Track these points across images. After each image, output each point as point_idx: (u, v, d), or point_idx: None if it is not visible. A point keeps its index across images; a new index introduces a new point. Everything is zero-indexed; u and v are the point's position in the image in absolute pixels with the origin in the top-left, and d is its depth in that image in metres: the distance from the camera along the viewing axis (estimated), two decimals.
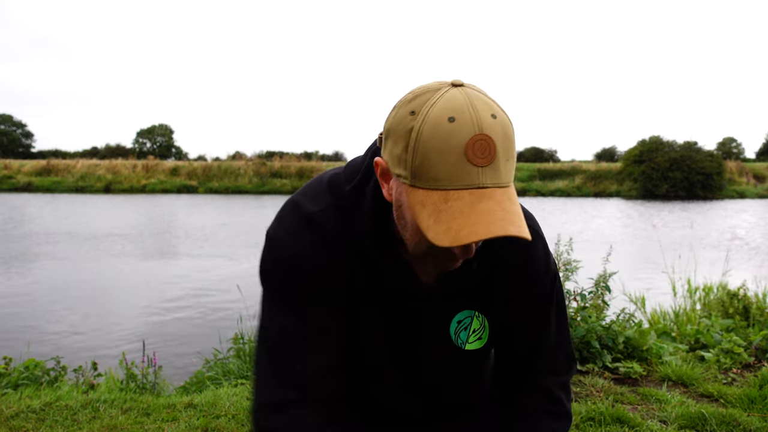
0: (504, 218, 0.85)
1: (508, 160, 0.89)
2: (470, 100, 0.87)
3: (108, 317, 6.75)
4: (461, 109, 0.86)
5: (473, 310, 1.15)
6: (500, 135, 0.86)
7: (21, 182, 31.61)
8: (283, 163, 34.07)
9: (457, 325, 1.14)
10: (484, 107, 0.87)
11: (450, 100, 0.87)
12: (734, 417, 2.52)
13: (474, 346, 1.16)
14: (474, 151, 0.84)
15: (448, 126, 0.85)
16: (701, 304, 5.47)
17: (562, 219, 18.44)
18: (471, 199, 0.85)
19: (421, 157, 0.86)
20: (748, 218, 19.33)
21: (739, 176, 33.32)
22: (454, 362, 1.18)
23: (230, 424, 2.54)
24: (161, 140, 62.32)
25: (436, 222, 0.86)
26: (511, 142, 0.89)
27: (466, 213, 0.85)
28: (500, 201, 0.86)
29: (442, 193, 0.86)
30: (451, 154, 0.85)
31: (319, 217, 1.06)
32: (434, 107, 0.87)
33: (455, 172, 0.85)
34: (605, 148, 56.98)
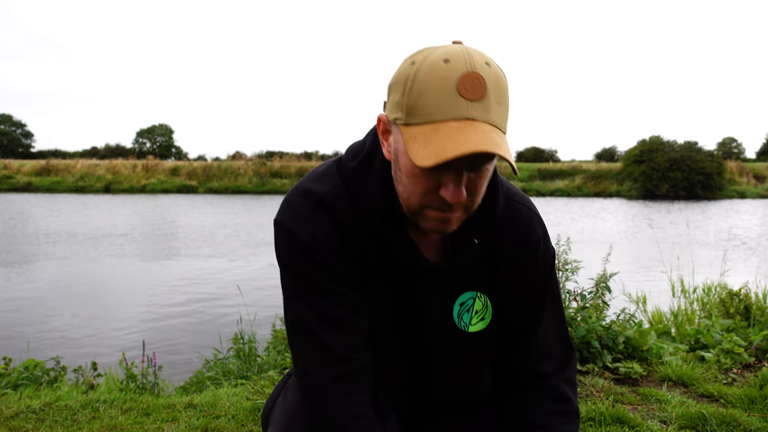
0: (488, 142, 0.88)
1: (500, 105, 0.92)
2: (466, 49, 0.93)
3: (108, 317, 6.75)
4: (456, 54, 0.91)
5: (475, 291, 1.17)
6: (492, 78, 0.91)
7: (21, 182, 31.61)
8: (283, 163, 34.08)
9: (459, 308, 1.16)
10: (479, 56, 0.93)
11: (447, 48, 0.94)
12: (734, 417, 2.52)
13: (477, 327, 1.18)
14: (465, 86, 0.89)
15: (443, 66, 0.90)
16: (699, 305, 5.46)
17: (559, 218, 18.45)
18: (458, 127, 0.89)
19: (417, 94, 0.91)
20: (748, 218, 19.32)
21: (739, 176, 33.33)
22: (459, 346, 1.19)
23: (230, 424, 2.54)
24: (161, 140, 62.32)
25: (424, 147, 0.90)
26: (504, 89, 0.93)
27: (453, 137, 0.88)
28: (487, 132, 0.89)
29: (434, 125, 0.90)
30: (444, 88, 0.89)
31: (329, 198, 1.09)
32: (432, 54, 0.93)
33: (446, 104, 0.89)
34: (605, 148, 57.04)
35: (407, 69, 0.94)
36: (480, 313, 1.17)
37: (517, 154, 58.53)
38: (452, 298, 1.15)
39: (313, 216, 1.08)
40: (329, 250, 1.07)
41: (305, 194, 1.10)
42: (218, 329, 5.79)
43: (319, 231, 1.07)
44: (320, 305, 1.09)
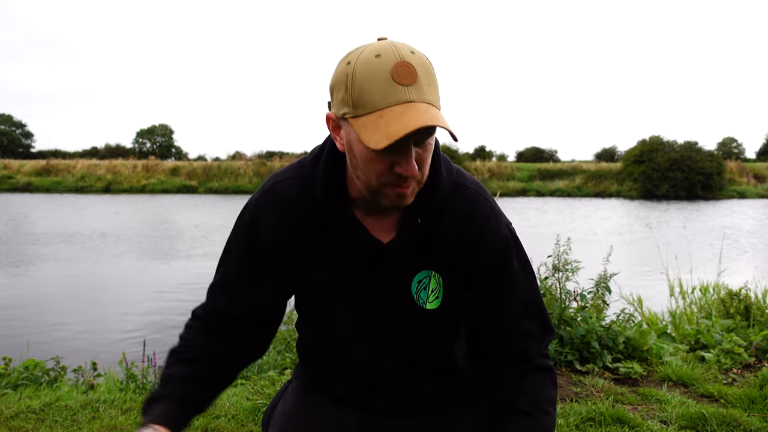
0: (429, 117, 0.99)
1: (430, 86, 1.03)
2: (392, 43, 1.04)
3: (108, 317, 6.75)
4: (385, 48, 1.03)
5: (430, 269, 1.21)
6: (419, 64, 1.02)
7: (21, 182, 31.62)
8: (283, 163, 34.06)
9: (417, 285, 1.21)
10: (404, 47, 1.04)
11: (376, 45, 1.05)
12: (734, 417, 2.52)
13: (433, 305, 1.22)
14: (398, 74, 1.00)
15: (376, 60, 1.01)
16: (697, 306, 5.47)
17: (556, 218, 18.45)
18: (401, 110, 1.00)
19: (359, 89, 1.02)
20: (741, 219, 19.32)
21: (739, 176, 33.33)
22: (419, 322, 1.23)
23: (230, 424, 2.54)
24: (161, 140, 62.30)
25: (374, 132, 1.00)
26: (431, 72, 1.05)
27: (398, 118, 0.99)
28: (426, 109, 1.00)
29: (379, 112, 1.01)
30: (380, 79, 1.00)
31: (279, 186, 1.22)
32: (364, 52, 1.04)
33: (386, 92, 1.00)
34: (605, 148, 56.96)
35: (345, 69, 1.05)
36: (435, 291, 1.22)
37: (517, 154, 58.56)
38: (410, 276, 1.20)
39: (260, 199, 1.23)
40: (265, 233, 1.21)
41: (265, 182, 1.27)
42: None
43: (259, 210, 1.22)
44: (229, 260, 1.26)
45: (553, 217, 19.00)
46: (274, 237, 1.21)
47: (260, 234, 1.21)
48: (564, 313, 3.46)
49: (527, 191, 31.33)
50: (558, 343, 3.37)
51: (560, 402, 2.80)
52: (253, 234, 1.22)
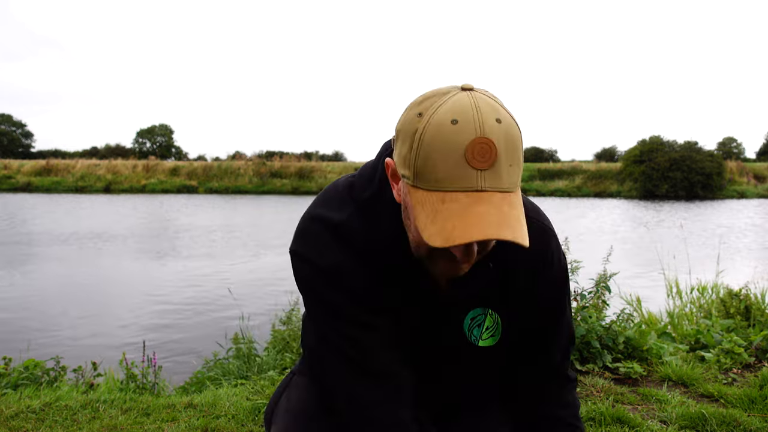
0: (500, 222, 0.85)
1: (512, 166, 0.88)
2: (476, 103, 0.88)
3: (108, 317, 6.74)
4: (465, 112, 0.86)
5: (486, 307, 1.16)
6: (503, 140, 0.86)
7: (20, 182, 31.59)
8: (283, 163, 34.06)
9: (470, 322, 1.16)
10: (489, 111, 0.87)
11: (456, 102, 0.88)
12: (734, 417, 2.52)
13: (487, 342, 1.18)
14: (474, 154, 0.85)
15: (451, 128, 0.86)
16: (695, 306, 5.46)
17: (554, 218, 18.45)
18: (468, 201, 0.86)
19: (424, 157, 0.87)
20: (746, 218, 19.32)
21: (739, 176, 33.30)
22: (470, 359, 1.20)
23: (230, 424, 2.54)
24: (161, 140, 62.29)
25: (432, 222, 0.87)
26: (516, 147, 0.89)
27: (462, 214, 0.85)
28: (498, 205, 0.86)
29: (441, 194, 0.87)
30: (452, 156, 0.85)
31: (347, 226, 1.07)
32: (440, 109, 0.88)
33: (454, 173, 0.86)
34: (605, 148, 56.98)
35: (413, 122, 0.91)
36: (490, 329, 1.17)
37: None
38: (463, 313, 1.16)
39: (331, 245, 1.07)
40: (357, 278, 1.07)
41: (321, 222, 1.09)
42: (218, 329, 5.79)
43: (340, 258, 1.07)
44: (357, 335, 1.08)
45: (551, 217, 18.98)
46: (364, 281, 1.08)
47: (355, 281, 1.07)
48: None
49: (527, 191, 31.32)
50: None
51: None
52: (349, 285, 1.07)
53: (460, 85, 0.93)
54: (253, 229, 15.19)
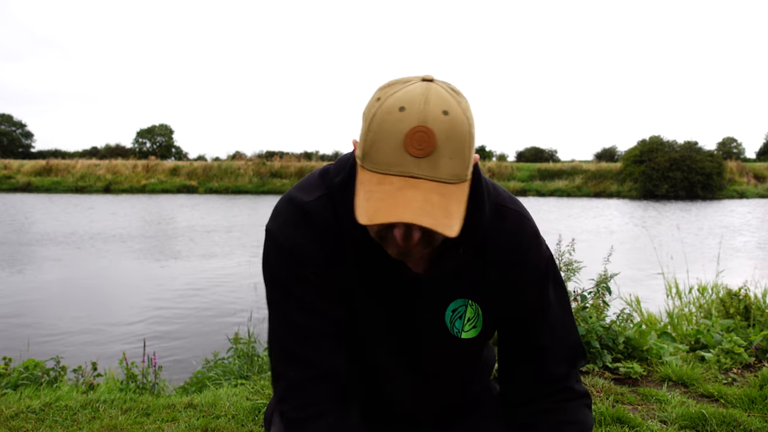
0: (423, 209, 0.87)
1: (452, 158, 0.90)
2: (428, 94, 0.91)
3: (108, 317, 6.74)
4: (413, 101, 0.89)
5: (466, 298, 1.16)
6: (445, 131, 0.89)
7: (20, 182, 31.58)
8: (283, 163, 34.06)
9: (452, 314, 1.16)
10: (438, 102, 0.90)
11: (409, 91, 0.91)
12: (734, 417, 2.52)
13: (470, 334, 1.17)
14: (412, 141, 0.88)
15: (398, 114, 0.89)
16: (695, 306, 5.46)
17: (551, 217, 18.44)
18: (399, 185, 0.89)
19: (371, 140, 0.91)
20: (746, 218, 19.32)
21: (739, 176, 33.30)
22: (452, 351, 1.19)
23: (230, 424, 2.54)
24: (161, 140, 62.29)
25: (366, 201, 0.90)
26: (460, 141, 0.91)
27: (390, 197, 0.88)
28: (427, 192, 0.88)
29: (380, 176, 0.91)
30: (393, 141, 0.89)
31: (312, 206, 1.10)
32: (394, 96, 0.92)
33: (393, 158, 0.89)
34: (605, 148, 57.00)
35: (372, 105, 0.94)
36: (472, 320, 1.17)
37: (517, 154, 58.54)
38: (443, 305, 1.15)
39: (293, 222, 1.10)
40: (314, 261, 1.09)
41: (290, 202, 1.13)
42: (218, 329, 5.79)
43: (301, 240, 1.09)
44: (294, 311, 1.11)
45: (549, 216, 18.99)
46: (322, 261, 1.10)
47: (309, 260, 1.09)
48: None
49: (527, 191, 31.30)
50: None
51: None
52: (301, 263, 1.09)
53: (421, 76, 0.95)
54: (253, 229, 15.19)
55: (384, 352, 1.18)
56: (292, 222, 1.11)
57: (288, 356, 1.12)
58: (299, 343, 1.11)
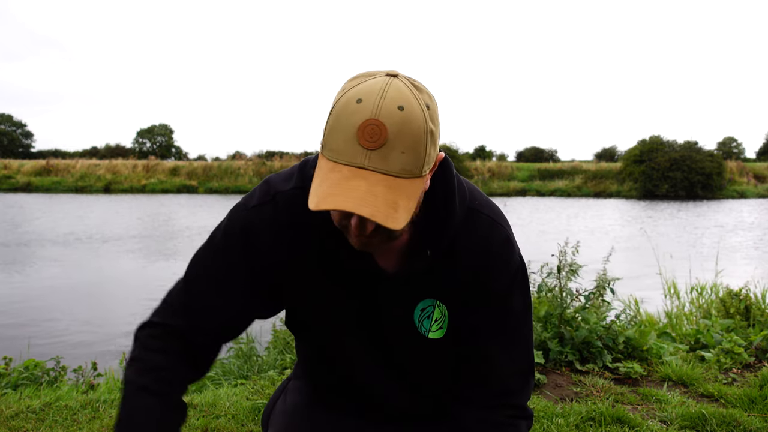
0: (364, 199, 0.89)
1: (404, 153, 0.91)
2: (387, 88, 0.93)
3: (108, 317, 6.75)
4: (371, 94, 0.92)
5: (435, 299, 1.16)
6: (398, 125, 0.90)
7: (20, 182, 31.58)
8: (283, 163, 34.05)
9: (420, 313, 1.17)
10: (395, 97, 0.92)
11: (370, 85, 0.93)
12: (734, 417, 2.52)
13: (436, 335, 1.17)
14: (364, 133, 0.90)
15: (354, 106, 0.91)
16: (695, 306, 5.46)
17: (549, 216, 18.45)
18: (348, 175, 0.91)
19: (329, 128, 0.94)
20: (744, 218, 19.32)
21: (739, 176, 33.31)
22: (421, 350, 1.19)
23: (230, 424, 2.54)
24: (161, 140, 62.31)
25: (318, 186, 0.93)
26: (414, 137, 0.92)
27: (337, 184, 0.91)
28: (372, 183, 0.90)
29: (333, 164, 0.93)
30: (347, 131, 0.91)
31: (283, 197, 1.13)
32: (356, 88, 0.94)
33: (345, 147, 0.91)
34: (605, 148, 57.02)
35: (337, 95, 0.97)
36: (439, 321, 1.17)
37: (517, 153, 58.55)
38: (413, 304, 1.16)
39: (260, 207, 1.13)
40: (261, 244, 1.12)
41: (265, 188, 1.16)
42: None
43: (257, 219, 1.12)
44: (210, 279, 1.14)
45: (548, 216, 18.99)
46: (271, 253, 1.12)
47: (256, 247, 1.12)
48: (564, 313, 3.46)
49: (527, 191, 31.31)
50: (558, 343, 3.37)
51: (560, 402, 2.81)
52: (248, 245, 1.12)
53: (386, 70, 0.98)
54: None
55: (355, 343, 1.19)
56: (259, 206, 1.13)
57: (179, 302, 1.15)
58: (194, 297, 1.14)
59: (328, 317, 1.17)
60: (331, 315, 1.16)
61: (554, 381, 3.09)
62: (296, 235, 1.11)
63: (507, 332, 1.18)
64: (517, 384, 1.20)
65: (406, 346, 1.19)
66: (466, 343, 1.19)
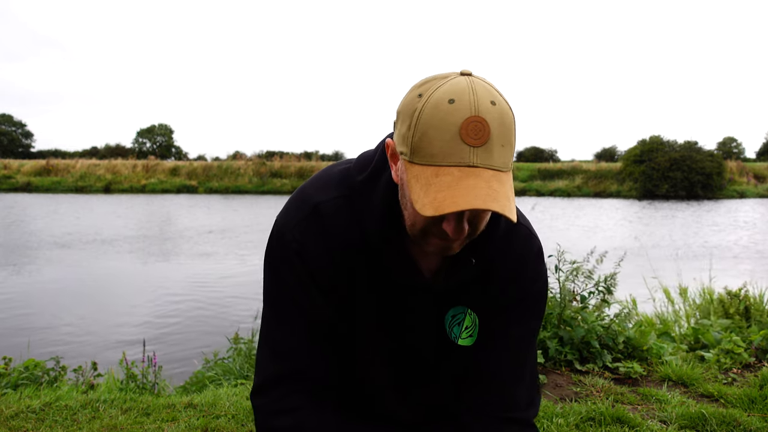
0: (489, 195, 0.89)
1: (504, 146, 0.92)
2: (473, 86, 0.92)
3: (108, 317, 6.74)
4: (462, 92, 0.91)
5: (466, 306, 1.16)
6: (497, 120, 0.90)
7: (20, 182, 31.56)
8: (283, 163, 34.05)
9: (451, 319, 1.16)
10: (485, 94, 0.92)
11: (454, 84, 0.92)
12: (734, 417, 2.52)
13: (466, 342, 1.18)
14: (468, 131, 0.89)
15: (448, 107, 0.90)
16: (694, 307, 5.46)
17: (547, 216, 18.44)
18: (459, 175, 0.89)
19: (420, 133, 0.91)
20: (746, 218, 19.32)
21: (739, 176, 33.29)
22: (448, 356, 1.19)
23: (230, 424, 2.54)
24: (161, 140, 62.29)
25: (425, 194, 0.91)
26: (509, 130, 0.93)
27: (452, 186, 0.89)
28: (488, 180, 0.90)
29: (435, 168, 0.91)
30: (447, 132, 0.89)
31: (326, 207, 1.10)
32: (438, 90, 0.92)
33: (448, 149, 0.89)
34: (605, 148, 56.99)
35: (414, 102, 0.94)
36: (469, 329, 1.17)
37: (517, 154, 58.49)
38: (444, 310, 1.16)
39: (305, 222, 1.10)
40: (318, 260, 1.10)
41: (304, 199, 1.13)
42: (218, 329, 5.79)
43: (306, 237, 1.09)
44: (288, 309, 1.12)
45: (549, 216, 18.98)
46: (327, 265, 1.10)
47: (313, 263, 1.09)
48: (564, 313, 3.46)
49: (527, 191, 31.29)
50: (558, 343, 3.37)
51: (560, 402, 2.81)
52: (305, 264, 1.09)
53: (458, 71, 0.97)
54: (252, 229, 15.19)
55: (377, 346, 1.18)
56: (303, 221, 1.10)
57: (273, 351, 1.13)
58: (286, 341, 1.12)
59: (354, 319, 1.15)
60: (357, 316, 1.15)
61: (554, 381, 3.09)
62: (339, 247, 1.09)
63: (522, 346, 1.19)
64: (526, 399, 1.20)
65: (433, 351, 1.18)
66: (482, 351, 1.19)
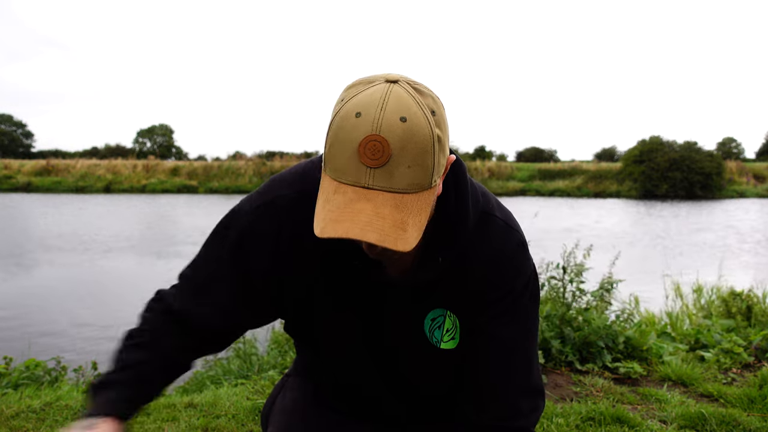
0: (370, 223, 0.84)
1: (411, 167, 0.85)
2: (387, 98, 0.85)
3: (108, 317, 6.74)
4: (370, 106, 0.85)
5: (445, 308, 1.11)
6: (400, 139, 0.84)
7: (21, 182, 31.56)
8: (283, 163, 34.03)
9: (431, 323, 1.12)
10: (396, 108, 0.85)
11: (369, 94, 0.86)
12: (734, 417, 2.52)
13: (448, 345, 1.12)
14: (365, 150, 0.83)
15: (353, 121, 0.85)
16: (696, 307, 5.47)
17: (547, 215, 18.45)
18: (352, 197, 0.85)
19: (329, 144, 0.88)
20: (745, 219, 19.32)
21: (739, 176, 33.31)
22: (431, 360, 1.14)
23: (230, 424, 2.54)
24: (161, 140, 62.31)
25: (321, 209, 0.87)
26: (419, 148, 0.85)
27: (341, 208, 0.85)
28: (378, 205, 0.85)
29: (336, 184, 0.87)
30: (347, 149, 0.85)
31: (284, 201, 1.08)
32: (354, 99, 0.87)
33: (347, 166, 0.85)
34: (605, 148, 57.09)
35: (336, 106, 0.90)
36: (450, 332, 1.12)
37: (517, 154, 58.56)
38: (423, 313, 1.11)
39: (262, 208, 1.10)
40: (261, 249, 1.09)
41: (268, 190, 1.12)
42: None
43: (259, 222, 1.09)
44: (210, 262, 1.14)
45: (549, 216, 18.98)
46: (268, 261, 1.08)
47: (250, 254, 1.09)
48: (566, 314, 3.47)
49: (527, 191, 31.29)
50: (558, 343, 3.37)
51: (560, 402, 2.81)
52: (241, 252, 1.09)
53: (385, 76, 0.90)
54: None
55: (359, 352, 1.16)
56: (260, 207, 1.10)
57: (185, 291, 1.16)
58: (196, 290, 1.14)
59: (332, 326, 1.13)
60: (334, 324, 1.13)
61: (554, 381, 3.10)
62: (296, 240, 1.06)
63: (516, 347, 1.13)
64: (527, 405, 1.15)
65: (415, 356, 1.14)
66: (475, 356, 1.13)
